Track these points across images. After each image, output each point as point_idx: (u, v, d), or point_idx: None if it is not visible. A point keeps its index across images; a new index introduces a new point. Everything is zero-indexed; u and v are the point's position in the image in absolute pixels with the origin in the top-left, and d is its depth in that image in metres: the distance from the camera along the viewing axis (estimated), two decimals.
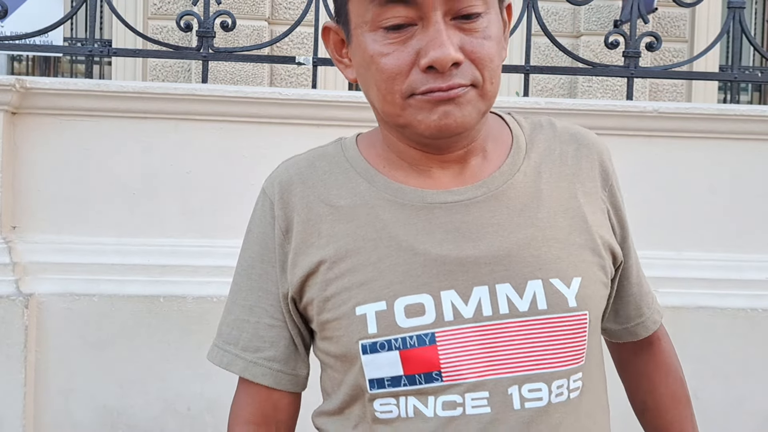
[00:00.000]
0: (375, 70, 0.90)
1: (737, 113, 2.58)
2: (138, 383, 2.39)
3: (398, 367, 0.90)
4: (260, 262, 1.01)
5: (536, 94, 6.87)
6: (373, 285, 0.92)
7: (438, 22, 0.87)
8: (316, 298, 0.95)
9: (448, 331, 0.90)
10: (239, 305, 1.02)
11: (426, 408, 0.90)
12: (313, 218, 0.97)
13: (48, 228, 2.44)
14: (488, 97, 0.91)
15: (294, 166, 1.02)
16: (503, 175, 0.97)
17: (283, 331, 1.00)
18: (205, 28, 2.71)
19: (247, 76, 6.69)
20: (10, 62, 7.64)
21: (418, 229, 0.93)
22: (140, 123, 2.46)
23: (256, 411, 1.03)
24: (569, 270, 0.93)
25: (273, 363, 1.01)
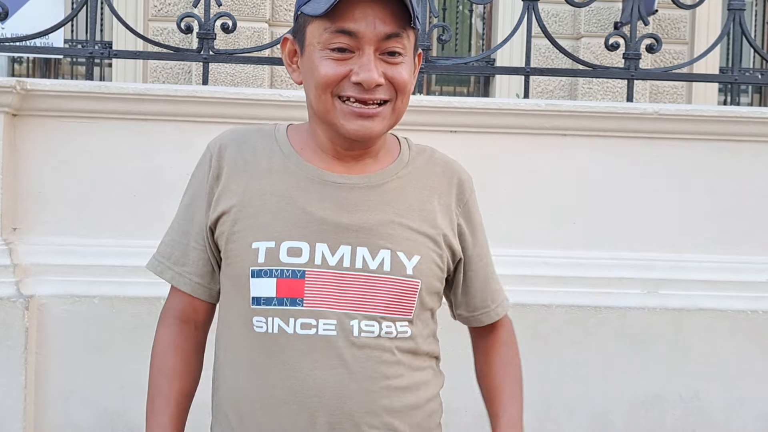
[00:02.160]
0: (317, 76, 1.23)
1: (737, 115, 2.58)
2: (138, 385, 2.37)
3: (273, 290, 1.23)
4: (194, 198, 1.35)
5: (536, 96, 6.86)
6: (268, 228, 1.25)
7: (370, 54, 1.21)
8: (226, 232, 1.28)
9: (316, 272, 1.24)
10: (175, 229, 1.37)
11: (287, 327, 1.23)
12: (237, 172, 1.30)
13: (49, 230, 2.44)
14: (397, 114, 1.27)
15: (235, 132, 1.36)
16: (384, 175, 1.32)
17: (203, 253, 1.34)
18: (206, 29, 2.71)
19: (248, 77, 6.69)
20: (11, 64, 7.64)
21: (311, 197, 1.27)
22: (141, 125, 2.46)
23: (180, 312, 1.37)
24: (412, 249, 1.28)
25: (194, 276, 1.35)
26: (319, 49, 1.23)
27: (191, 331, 1.38)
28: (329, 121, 1.25)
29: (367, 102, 1.22)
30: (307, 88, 1.27)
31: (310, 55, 1.25)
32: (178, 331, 1.37)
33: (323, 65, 1.22)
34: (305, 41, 1.26)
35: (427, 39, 2.73)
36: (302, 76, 1.29)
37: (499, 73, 4.56)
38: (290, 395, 1.22)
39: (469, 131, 2.53)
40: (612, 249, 2.58)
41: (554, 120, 2.54)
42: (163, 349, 1.37)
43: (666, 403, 2.50)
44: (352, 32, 1.20)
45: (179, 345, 1.37)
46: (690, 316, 2.51)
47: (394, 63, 1.23)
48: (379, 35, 1.21)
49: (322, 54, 1.22)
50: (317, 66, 1.22)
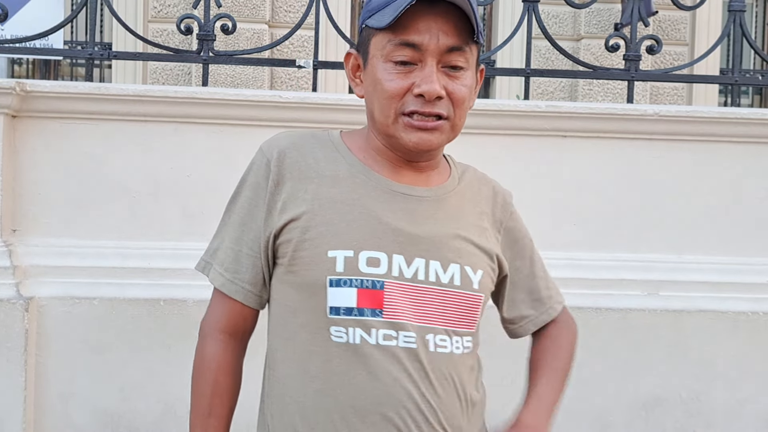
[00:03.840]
0: (380, 89, 1.25)
1: (738, 116, 2.58)
2: (138, 387, 2.38)
3: (353, 300, 1.22)
4: (249, 204, 1.31)
5: (537, 97, 6.86)
6: (345, 237, 1.24)
7: (432, 66, 1.23)
8: (294, 239, 1.25)
9: (394, 283, 1.23)
10: (228, 236, 1.33)
11: (370, 337, 1.22)
12: (302, 178, 1.29)
13: (48, 231, 2.44)
14: (455, 130, 1.28)
15: (290, 137, 1.34)
16: (444, 189, 1.34)
17: (256, 260, 1.31)
18: (206, 31, 2.71)
19: (248, 79, 6.69)
20: (11, 65, 7.64)
21: (383, 206, 1.27)
22: (140, 126, 2.46)
23: (228, 322, 1.34)
24: (476, 264, 1.30)
25: (246, 284, 1.32)
26: (382, 62, 1.24)
27: (238, 344, 1.36)
28: (390, 133, 1.26)
29: (427, 115, 1.23)
30: (370, 100, 1.29)
31: (373, 67, 1.26)
32: (227, 347, 1.34)
33: (387, 78, 1.24)
34: (369, 54, 1.28)
35: None
36: (365, 89, 1.31)
37: (499, 74, 4.54)
38: (375, 405, 1.21)
39: (469, 132, 2.51)
40: (612, 250, 2.57)
41: (554, 121, 2.54)
42: (215, 367, 1.33)
43: (667, 405, 2.50)
44: (415, 44, 1.22)
45: (230, 361, 1.35)
46: (690, 317, 2.51)
47: (455, 77, 1.25)
48: (442, 48, 1.22)
49: (385, 67, 1.24)
50: (381, 79, 1.24)
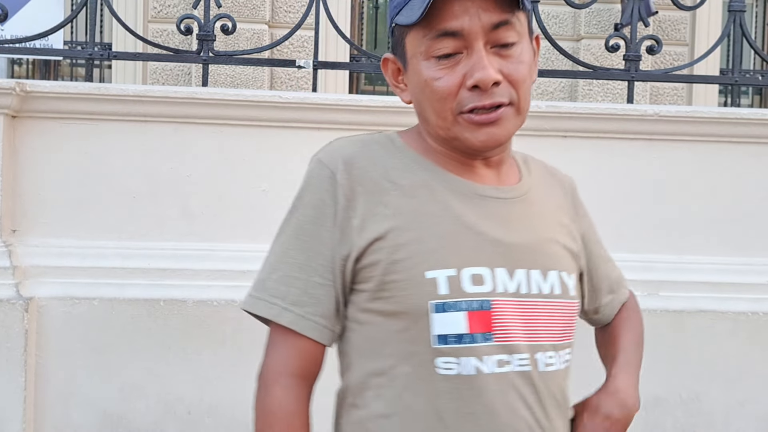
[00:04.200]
0: (429, 92, 1.10)
1: (738, 116, 2.58)
2: (138, 387, 2.38)
3: (463, 326, 1.06)
4: (312, 225, 1.12)
5: (537, 98, 6.86)
6: (442, 254, 1.07)
7: (480, 50, 1.07)
8: (382, 261, 1.07)
9: (500, 300, 1.08)
10: (287, 263, 1.12)
11: (483, 365, 1.06)
12: (378, 191, 1.11)
13: (48, 231, 2.44)
14: (521, 113, 1.12)
15: (352, 144, 1.16)
16: (524, 185, 1.19)
17: (329, 290, 1.11)
18: (206, 31, 2.71)
19: (248, 79, 6.69)
20: (11, 65, 7.64)
21: (475, 214, 1.11)
22: (140, 126, 2.46)
23: (299, 364, 1.12)
24: (569, 267, 1.18)
25: (319, 318, 1.11)
26: (423, 60, 1.10)
27: (308, 389, 1.14)
28: (451, 136, 1.11)
29: (488, 108, 1.08)
30: (420, 105, 1.14)
31: (415, 69, 1.11)
32: (299, 394, 1.13)
33: (433, 78, 1.09)
34: (406, 55, 1.13)
35: None
36: (411, 94, 1.16)
37: None
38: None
39: None
40: (612, 250, 2.54)
41: (554, 121, 2.54)
42: (288, 421, 1.11)
43: (667, 405, 2.49)
44: (455, 32, 1.06)
45: (303, 411, 1.13)
46: (691, 317, 2.50)
47: (509, 55, 1.09)
48: (486, 27, 1.07)
49: (427, 65, 1.09)
50: (427, 80, 1.09)
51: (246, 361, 2.41)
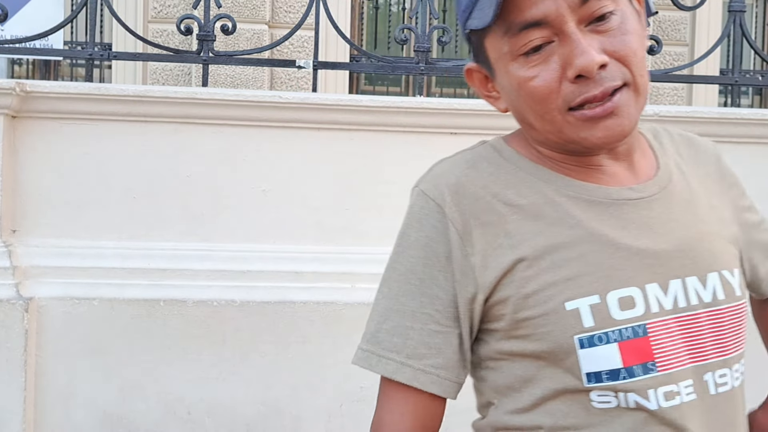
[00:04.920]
0: (526, 95, 0.94)
1: (738, 117, 2.58)
2: (138, 387, 2.38)
3: (617, 360, 0.91)
4: (423, 266, 0.98)
5: None
6: (582, 280, 0.93)
7: (574, 32, 0.90)
8: (512, 297, 0.94)
9: (656, 322, 0.93)
10: (398, 311, 0.98)
11: (648, 402, 0.91)
12: (495, 219, 0.96)
13: (48, 232, 2.43)
14: (641, 92, 0.94)
15: (457, 167, 1.01)
16: (665, 173, 1.01)
17: (450, 337, 0.97)
18: (206, 31, 2.71)
19: (248, 79, 6.69)
20: (11, 66, 7.64)
21: (612, 225, 0.95)
22: (140, 126, 2.46)
23: (417, 423, 0.99)
24: (730, 262, 1.00)
25: (441, 370, 0.97)
26: (510, 61, 0.94)
27: None
28: (563, 139, 0.95)
29: (601, 98, 0.91)
30: (519, 112, 0.99)
31: (504, 73, 0.96)
32: None
33: (527, 78, 0.93)
34: (490, 60, 0.98)
35: (427, 41, 2.73)
36: (506, 101, 1.00)
37: None
38: None
39: (470, 133, 2.53)
40: None
41: None
42: None
43: None
44: (538, 20, 0.91)
45: None
46: None
47: (608, 29, 0.92)
48: (573, 3, 0.90)
49: (516, 66, 0.94)
50: (521, 83, 0.94)
51: (246, 362, 2.41)
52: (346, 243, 2.49)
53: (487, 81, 1.02)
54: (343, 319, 2.41)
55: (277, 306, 2.40)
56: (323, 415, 2.43)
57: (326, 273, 2.45)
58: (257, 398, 2.41)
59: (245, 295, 2.40)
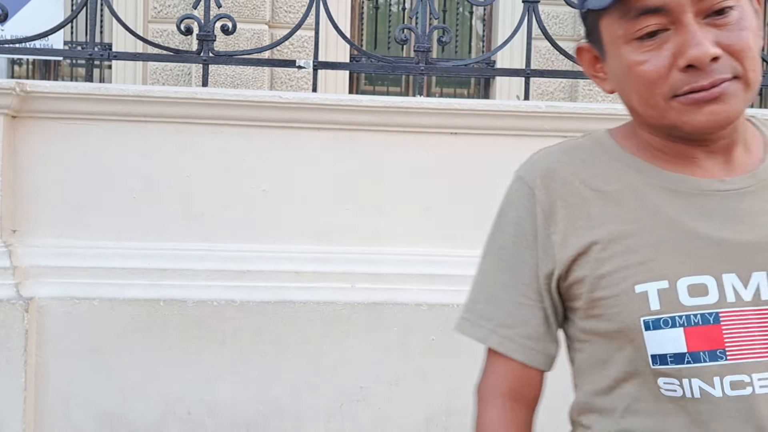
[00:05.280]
0: (634, 78, 0.97)
1: None
2: (138, 387, 2.38)
3: (682, 344, 0.94)
4: (513, 244, 1.06)
5: (537, 98, 6.86)
6: (653, 264, 0.96)
7: (690, 23, 0.92)
8: (588, 276, 0.99)
9: (732, 312, 0.94)
10: (491, 283, 1.08)
11: (713, 389, 0.94)
12: (579, 202, 1.02)
13: (48, 232, 2.44)
14: (751, 87, 0.96)
15: (552, 155, 1.08)
16: (765, 169, 1.01)
17: (534, 310, 1.05)
18: (206, 31, 2.71)
19: (248, 79, 6.69)
20: (11, 66, 7.64)
21: (695, 214, 0.97)
22: (141, 126, 2.46)
23: (509, 385, 1.08)
24: None
25: (526, 340, 1.05)
26: (623, 44, 0.97)
27: (524, 409, 1.10)
28: (666, 124, 0.98)
29: (705, 88, 0.93)
30: (625, 94, 1.02)
31: (615, 55, 0.99)
32: (511, 415, 1.08)
33: (638, 62, 0.96)
34: (603, 41, 1.01)
35: (427, 41, 2.73)
36: (613, 83, 1.04)
37: (500, 74, 4.56)
38: None
39: (470, 133, 2.53)
40: None
41: (554, 122, 2.54)
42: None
43: None
44: (657, 7, 0.93)
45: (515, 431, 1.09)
46: None
47: (726, 23, 0.93)
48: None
49: (629, 49, 0.96)
50: (631, 66, 0.97)
51: (246, 361, 2.41)
52: (345, 243, 2.49)
53: (596, 61, 1.06)
54: (343, 319, 2.41)
55: (277, 306, 2.40)
56: (323, 415, 2.43)
57: (326, 273, 2.45)
58: (257, 398, 2.41)
59: (245, 295, 2.41)
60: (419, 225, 2.50)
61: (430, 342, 2.39)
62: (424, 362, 2.41)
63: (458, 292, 2.51)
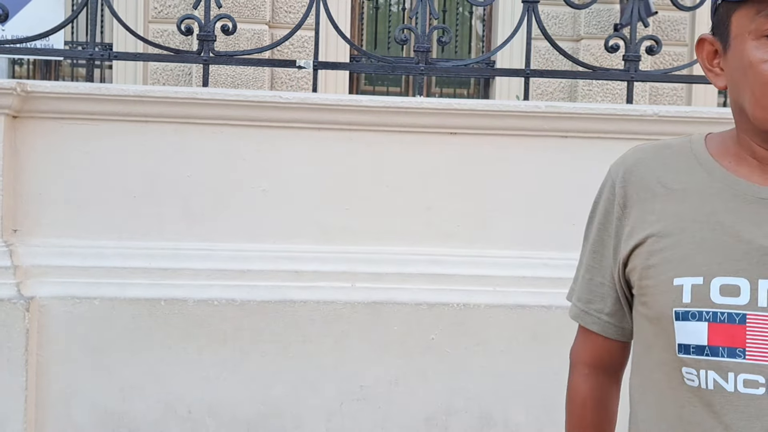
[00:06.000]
0: (753, 75, 0.98)
1: None
2: (139, 386, 2.39)
3: (703, 337, 1.00)
4: (599, 230, 1.17)
5: (536, 98, 6.87)
6: (693, 261, 1.02)
7: None
8: (639, 266, 1.08)
9: (760, 315, 0.98)
10: (584, 264, 1.20)
11: (726, 383, 0.99)
12: (650, 197, 1.09)
13: (49, 231, 2.44)
14: None
15: (640, 151, 1.15)
16: None
17: (610, 290, 1.16)
18: (206, 31, 2.71)
19: (248, 79, 6.70)
20: (11, 66, 7.64)
21: (745, 219, 1.01)
22: (141, 126, 2.47)
23: (592, 354, 1.22)
24: None
25: (601, 314, 1.18)
26: (751, 40, 0.98)
27: (605, 377, 1.23)
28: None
29: None
30: (737, 91, 1.03)
31: (739, 49, 1.00)
32: (592, 381, 1.22)
33: (759, 61, 0.96)
34: (730, 35, 1.02)
35: (426, 41, 2.74)
36: (728, 78, 1.05)
37: (499, 74, 4.56)
38: None
39: (469, 133, 2.53)
40: None
41: (554, 122, 2.54)
42: (580, 402, 1.23)
43: None
44: None
45: (596, 396, 1.22)
46: None
47: None
48: None
49: (756, 45, 0.97)
50: (753, 62, 0.97)
51: (246, 360, 2.42)
52: (346, 243, 2.49)
53: (715, 56, 1.08)
54: (343, 318, 2.42)
55: (278, 305, 2.41)
56: (323, 414, 2.43)
57: (326, 272, 2.46)
58: (257, 397, 2.41)
59: (246, 294, 2.41)
60: (419, 225, 2.50)
61: (430, 342, 2.40)
62: (424, 362, 2.41)
63: (458, 291, 2.53)
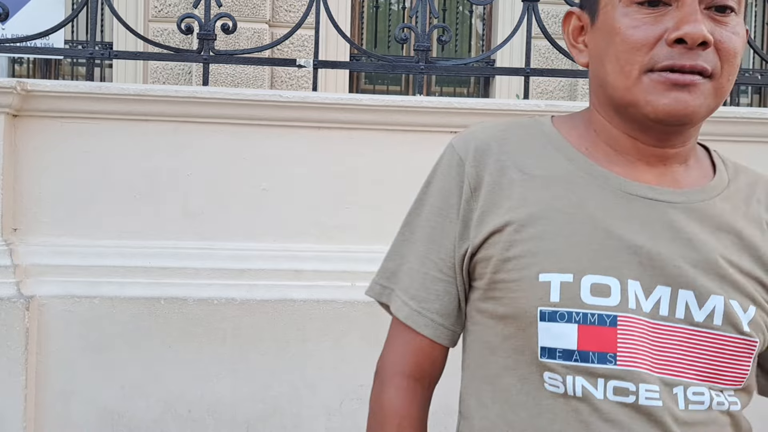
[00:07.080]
0: (619, 41, 0.94)
1: (737, 116, 2.58)
2: (139, 386, 2.39)
3: (573, 341, 0.91)
4: (437, 215, 1.03)
5: (536, 97, 6.87)
6: (562, 256, 0.93)
7: (693, 4, 0.91)
8: (495, 257, 0.96)
9: (630, 318, 0.91)
10: (412, 254, 1.04)
11: (595, 390, 0.91)
12: (506, 181, 0.99)
13: (49, 230, 2.44)
14: (721, 94, 0.95)
15: (489, 129, 1.05)
16: (705, 192, 0.99)
17: (449, 286, 1.02)
18: (206, 30, 2.71)
19: (248, 78, 6.69)
20: (11, 65, 7.64)
21: (615, 214, 0.95)
22: (141, 125, 2.47)
23: (413, 365, 1.05)
24: (747, 298, 0.95)
25: (436, 315, 1.03)
26: (622, 6, 0.94)
27: (425, 391, 1.07)
28: (629, 99, 0.95)
29: (688, 70, 0.91)
30: (600, 63, 0.98)
31: (607, 18, 0.96)
32: (413, 396, 1.05)
33: (629, 25, 0.93)
34: (599, 5, 0.98)
35: (426, 40, 2.74)
36: (591, 53, 1.01)
37: (499, 73, 4.56)
38: None
39: None
40: None
41: None
42: (397, 422, 1.04)
43: None
44: None
45: (415, 415, 1.05)
46: None
47: (724, 22, 0.93)
48: None
49: (625, 11, 0.94)
50: (620, 28, 0.94)
51: (246, 360, 2.42)
52: (346, 242, 2.49)
53: (581, 32, 1.04)
54: (343, 317, 2.42)
55: (278, 304, 2.41)
56: (323, 413, 2.43)
57: (326, 271, 2.46)
58: (257, 396, 2.41)
59: (245, 293, 2.41)
60: None
61: None
62: None
63: None
